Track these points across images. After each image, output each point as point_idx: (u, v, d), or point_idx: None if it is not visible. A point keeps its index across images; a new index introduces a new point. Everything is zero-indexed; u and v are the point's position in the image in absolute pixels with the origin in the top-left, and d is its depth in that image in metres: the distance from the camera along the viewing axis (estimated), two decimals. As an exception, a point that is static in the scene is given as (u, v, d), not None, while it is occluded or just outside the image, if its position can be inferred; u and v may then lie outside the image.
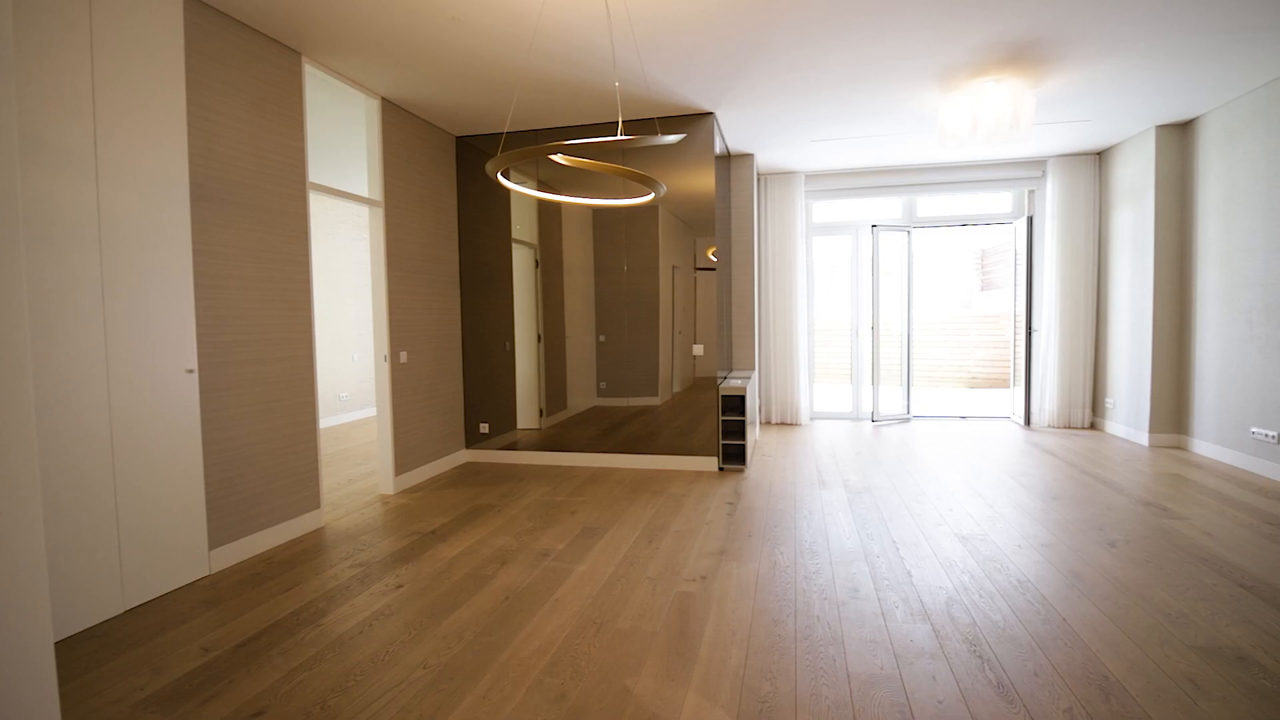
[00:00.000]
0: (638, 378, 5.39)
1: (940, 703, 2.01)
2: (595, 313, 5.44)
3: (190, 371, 3.02)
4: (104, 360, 2.64)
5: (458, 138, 5.40)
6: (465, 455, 5.54)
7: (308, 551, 3.44)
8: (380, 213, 4.43)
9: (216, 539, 3.19)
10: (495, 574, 3.08)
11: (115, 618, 2.68)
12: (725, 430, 5.20)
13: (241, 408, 3.33)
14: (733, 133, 5.57)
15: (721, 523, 3.79)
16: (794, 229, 6.99)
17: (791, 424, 7.13)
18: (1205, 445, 5.28)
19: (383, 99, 4.43)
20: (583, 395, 5.51)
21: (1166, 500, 4.06)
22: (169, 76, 2.93)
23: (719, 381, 5.27)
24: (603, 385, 5.47)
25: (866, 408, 7.44)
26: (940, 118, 4.70)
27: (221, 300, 3.22)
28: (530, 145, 5.13)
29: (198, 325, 3.08)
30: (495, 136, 5.33)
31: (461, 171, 5.44)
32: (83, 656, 2.38)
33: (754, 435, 5.87)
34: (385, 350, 4.46)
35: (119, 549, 2.71)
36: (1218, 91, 4.69)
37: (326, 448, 6.27)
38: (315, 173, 5.66)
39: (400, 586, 2.96)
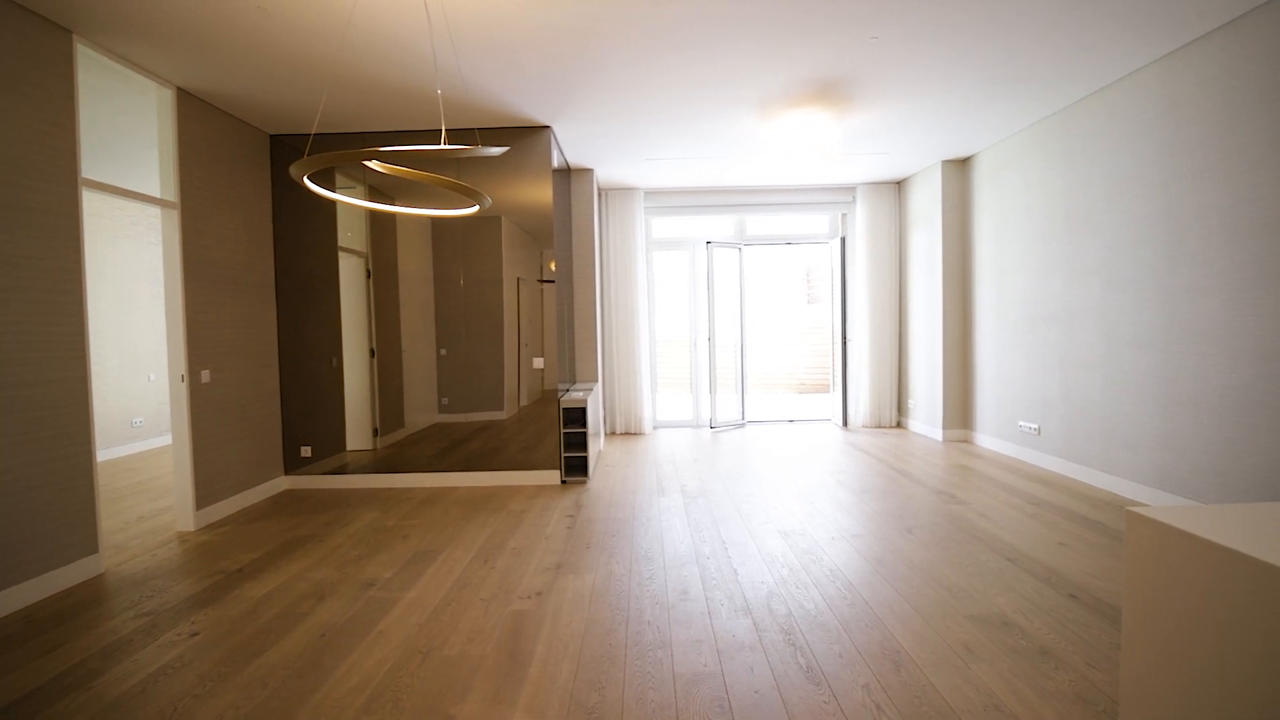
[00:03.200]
0: (482, 392, 5.25)
1: (756, 692, 2.13)
2: (435, 325, 5.22)
3: (-88, 399, 2.51)
4: None
5: (273, 136, 4.97)
6: (284, 482, 5.07)
7: (80, 604, 2.97)
8: (175, 215, 3.96)
9: (-48, 599, 2.66)
10: (311, 610, 2.84)
11: None
12: (567, 443, 5.20)
13: (-12, 440, 2.82)
14: (572, 147, 5.62)
15: (560, 536, 3.77)
16: (634, 243, 7.18)
17: (636, 433, 7.28)
18: (986, 438, 6.07)
19: (178, 89, 3.97)
20: (423, 412, 5.26)
21: (954, 489, 4.61)
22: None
23: (560, 394, 5.26)
24: (444, 401, 5.26)
25: (706, 415, 7.77)
26: (762, 143, 5.06)
27: (-42, 313, 2.71)
28: (350, 149, 4.83)
29: (-77, 343, 2.57)
30: (317, 136, 4.97)
31: (278, 173, 5.00)
32: None
33: (597, 446, 5.92)
34: (183, 369, 3.98)
35: None
36: (991, 132, 5.45)
37: (116, 481, 5.48)
38: (96, 168, 4.97)
39: (196, 634, 2.64)
